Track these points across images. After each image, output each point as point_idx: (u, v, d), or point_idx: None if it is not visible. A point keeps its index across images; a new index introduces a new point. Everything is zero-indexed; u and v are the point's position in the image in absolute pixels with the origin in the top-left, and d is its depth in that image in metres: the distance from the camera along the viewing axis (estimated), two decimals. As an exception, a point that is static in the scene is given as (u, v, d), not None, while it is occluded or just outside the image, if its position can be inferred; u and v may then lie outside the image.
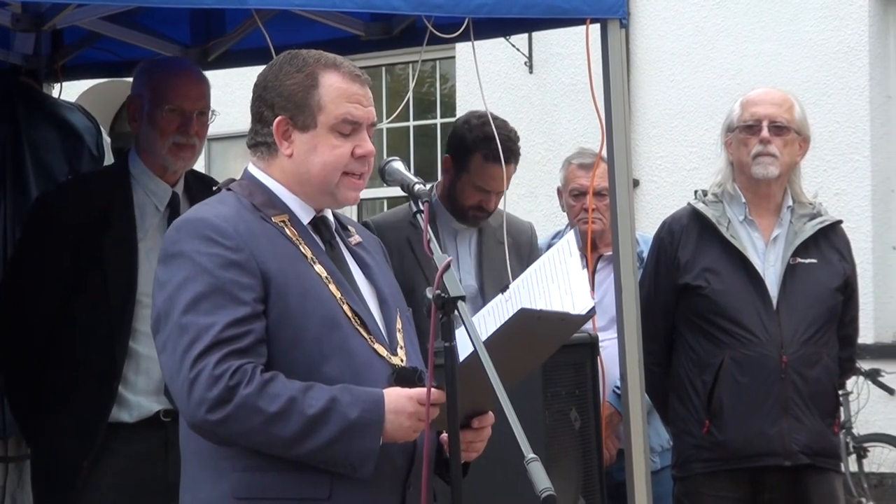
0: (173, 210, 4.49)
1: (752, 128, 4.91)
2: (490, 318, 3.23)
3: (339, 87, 3.14)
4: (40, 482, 4.54)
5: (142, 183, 4.51)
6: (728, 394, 4.82)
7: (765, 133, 4.88)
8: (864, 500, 9.15)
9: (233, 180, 3.22)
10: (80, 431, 4.37)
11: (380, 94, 11.91)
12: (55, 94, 5.50)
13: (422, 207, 3.11)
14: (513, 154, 4.98)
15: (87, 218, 4.43)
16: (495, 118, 5.03)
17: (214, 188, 3.23)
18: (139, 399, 4.40)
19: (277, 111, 3.14)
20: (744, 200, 4.95)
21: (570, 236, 3.65)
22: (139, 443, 4.41)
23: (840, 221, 5.04)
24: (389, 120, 11.20)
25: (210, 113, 4.58)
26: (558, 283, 3.49)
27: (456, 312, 2.92)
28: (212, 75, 4.90)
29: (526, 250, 5.11)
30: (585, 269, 3.70)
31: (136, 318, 4.38)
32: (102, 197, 4.47)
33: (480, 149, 4.95)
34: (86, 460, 4.36)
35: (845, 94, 9.90)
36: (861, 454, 9.29)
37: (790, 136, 4.92)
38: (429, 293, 2.93)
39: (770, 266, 4.90)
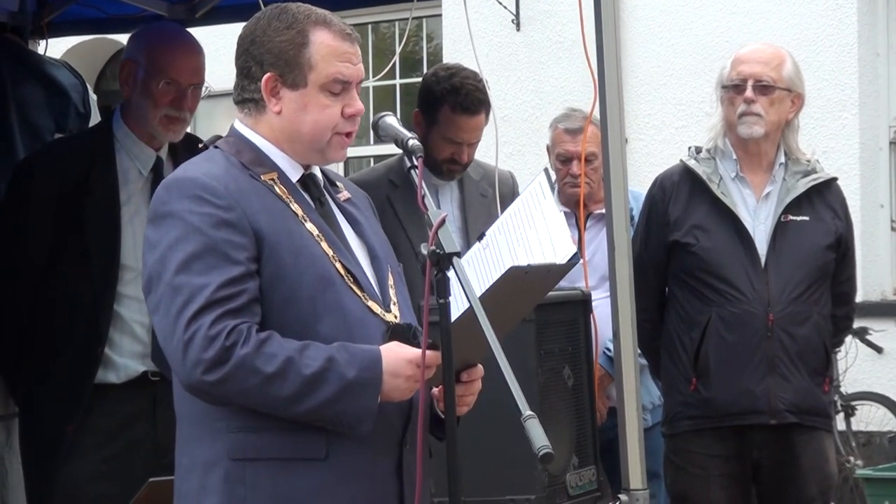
0: (157, 174, 4.44)
1: (737, 87, 4.88)
2: (469, 269, 3.18)
3: (329, 45, 3.09)
4: (27, 444, 4.52)
5: (126, 146, 4.47)
6: (714, 351, 4.81)
7: (748, 93, 4.85)
8: (852, 458, 9.16)
9: (219, 137, 3.17)
10: (65, 396, 4.35)
11: (366, 52, 11.83)
12: (40, 51, 5.46)
13: (416, 162, 3.07)
14: (481, 103, 4.89)
15: (68, 181, 4.38)
16: (463, 69, 4.97)
17: (200, 146, 3.18)
18: (125, 361, 4.38)
19: (266, 68, 3.08)
20: (735, 157, 4.93)
21: (542, 178, 3.56)
22: (127, 403, 4.38)
23: (835, 179, 5.01)
24: (376, 79, 11.13)
25: (203, 87, 4.53)
26: (536, 229, 3.40)
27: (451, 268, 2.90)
28: (196, 32, 4.83)
29: (509, 201, 5.06)
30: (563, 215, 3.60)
31: (121, 282, 4.35)
32: (84, 160, 4.43)
33: (448, 100, 4.87)
34: (71, 424, 4.33)
35: (834, 51, 9.85)
36: (849, 412, 9.30)
37: (776, 95, 4.87)
38: (423, 249, 2.90)
39: (760, 223, 4.88)
